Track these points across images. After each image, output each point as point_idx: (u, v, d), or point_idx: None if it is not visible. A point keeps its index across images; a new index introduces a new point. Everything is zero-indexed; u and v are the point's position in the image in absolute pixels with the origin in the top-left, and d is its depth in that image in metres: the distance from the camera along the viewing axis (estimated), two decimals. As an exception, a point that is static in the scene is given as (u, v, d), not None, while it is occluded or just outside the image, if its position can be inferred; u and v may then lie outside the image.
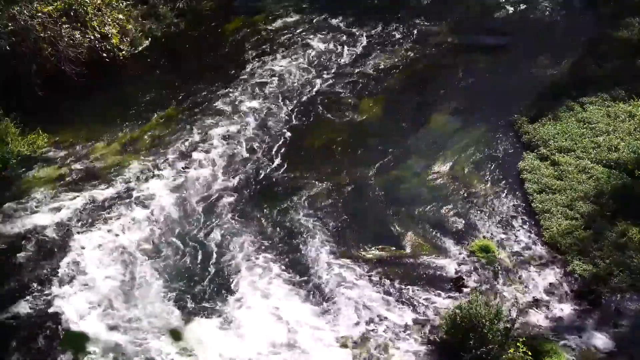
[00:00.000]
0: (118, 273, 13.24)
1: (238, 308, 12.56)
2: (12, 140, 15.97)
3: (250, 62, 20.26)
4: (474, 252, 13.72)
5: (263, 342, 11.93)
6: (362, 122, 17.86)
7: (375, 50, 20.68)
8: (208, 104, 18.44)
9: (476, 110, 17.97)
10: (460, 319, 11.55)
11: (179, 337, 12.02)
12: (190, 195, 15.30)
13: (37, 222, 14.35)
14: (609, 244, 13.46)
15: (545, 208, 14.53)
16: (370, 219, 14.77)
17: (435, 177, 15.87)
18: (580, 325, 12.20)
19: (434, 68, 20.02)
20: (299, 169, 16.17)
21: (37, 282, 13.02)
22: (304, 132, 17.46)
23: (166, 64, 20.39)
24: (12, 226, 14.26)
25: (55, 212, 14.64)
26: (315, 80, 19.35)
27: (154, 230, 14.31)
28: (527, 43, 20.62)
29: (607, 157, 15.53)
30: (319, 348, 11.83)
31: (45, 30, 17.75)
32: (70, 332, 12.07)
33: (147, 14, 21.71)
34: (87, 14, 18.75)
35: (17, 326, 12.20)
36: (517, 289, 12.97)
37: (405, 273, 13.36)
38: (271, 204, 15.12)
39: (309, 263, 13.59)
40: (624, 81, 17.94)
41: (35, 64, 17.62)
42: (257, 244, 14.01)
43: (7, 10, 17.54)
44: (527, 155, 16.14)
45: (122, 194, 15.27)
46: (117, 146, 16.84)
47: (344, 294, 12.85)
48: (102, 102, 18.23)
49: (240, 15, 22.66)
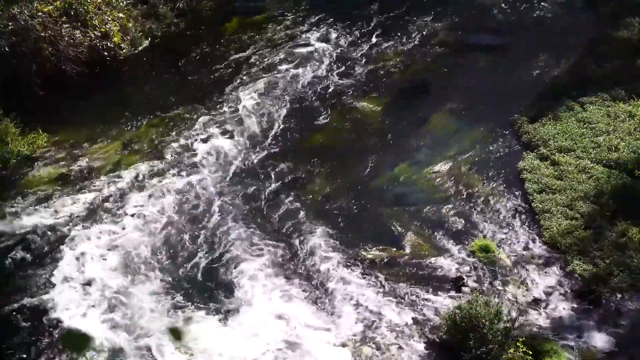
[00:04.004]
0: (118, 273, 13.24)
1: (238, 308, 12.57)
2: (12, 140, 15.98)
3: (250, 61, 20.25)
4: (474, 252, 13.72)
5: (263, 342, 11.93)
6: (362, 122, 17.86)
7: (375, 50, 20.67)
8: (208, 103, 18.45)
9: (476, 110, 17.96)
10: (460, 319, 11.55)
11: (179, 337, 12.02)
12: (191, 195, 15.31)
13: (37, 222, 14.36)
14: (609, 244, 13.46)
15: (545, 208, 14.54)
16: (370, 219, 14.78)
17: (436, 177, 15.87)
18: (580, 325, 12.20)
19: (434, 68, 20.00)
20: (299, 169, 16.18)
21: (37, 282, 13.03)
22: (303, 132, 17.46)
23: (166, 63, 20.37)
24: (12, 226, 14.26)
25: (55, 212, 14.66)
26: (315, 80, 19.35)
27: (154, 230, 14.31)
28: (527, 43, 20.60)
29: (607, 157, 15.53)
30: (319, 348, 11.83)
31: (46, 30, 17.75)
32: (70, 331, 12.07)
33: (147, 13, 21.67)
34: (87, 13, 18.73)
35: (17, 326, 12.20)
36: (517, 289, 12.97)
37: (405, 273, 13.37)
38: (271, 204, 15.14)
39: (310, 263, 13.60)
40: (624, 81, 17.92)
41: (35, 63, 17.62)
42: (257, 243, 14.01)
43: (7, 10, 17.54)
44: (527, 155, 16.14)
45: (122, 193, 15.28)
46: (117, 146, 16.84)
47: (344, 294, 12.85)
48: (102, 102, 18.23)
49: (240, 15, 22.64)
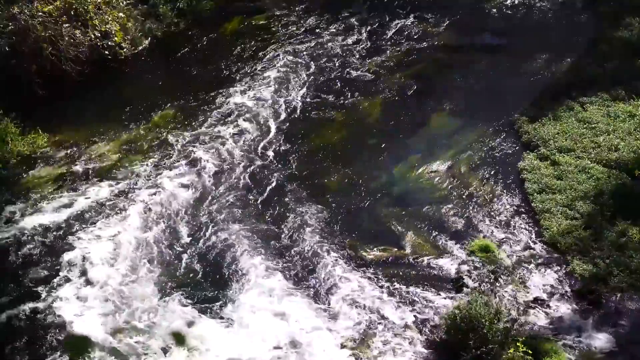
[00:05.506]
0: (119, 274, 13.23)
1: (240, 309, 12.54)
2: (12, 140, 16.00)
3: (250, 61, 20.25)
4: (474, 252, 13.71)
5: (264, 342, 11.91)
6: (362, 122, 17.86)
7: (375, 50, 20.67)
8: (208, 103, 18.45)
9: (476, 110, 17.95)
10: (460, 319, 11.54)
11: (181, 339, 12.00)
12: (191, 195, 15.32)
13: (37, 222, 14.36)
14: (609, 244, 13.44)
15: (545, 208, 14.53)
16: (370, 219, 14.77)
17: (435, 177, 15.87)
18: (580, 325, 12.19)
19: (434, 68, 19.99)
20: (299, 168, 16.18)
21: (37, 283, 13.02)
22: (303, 132, 17.45)
23: (166, 63, 20.39)
24: (12, 226, 14.26)
25: (55, 212, 14.66)
26: (316, 79, 19.35)
27: (155, 231, 14.32)
28: (528, 43, 20.58)
29: (607, 157, 15.52)
30: (320, 348, 11.82)
31: (46, 30, 17.73)
32: (71, 333, 12.06)
33: (147, 13, 21.66)
34: (87, 13, 18.72)
35: (17, 327, 12.20)
36: (517, 289, 12.97)
37: (405, 273, 13.37)
38: (271, 204, 15.14)
39: (310, 263, 13.60)
40: (624, 81, 17.89)
41: (35, 63, 17.62)
42: (258, 244, 14.01)
43: (7, 10, 17.54)
44: (527, 155, 16.13)
45: (123, 193, 15.29)
46: (117, 146, 16.84)
47: (344, 294, 12.85)
48: (102, 102, 18.23)
49: (240, 15, 22.65)
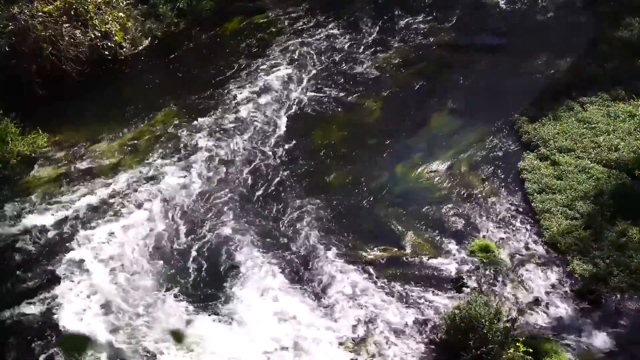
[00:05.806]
0: (118, 273, 13.24)
1: (239, 308, 12.55)
2: (12, 140, 16.00)
3: (250, 61, 20.24)
4: (474, 252, 13.72)
5: (264, 342, 11.91)
6: (362, 122, 17.86)
7: (375, 50, 20.67)
8: (208, 103, 18.44)
9: (476, 110, 17.95)
10: (459, 319, 11.55)
11: (180, 338, 12.01)
12: (191, 195, 15.30)
13: (37, 222, 14.36)
14: (609, 244, 13.45)
15: (545, 208, 14.54)
16: (370, 219, 14.77)
17: (435, 177, 15.87)
18: (580, 325, 12.20)
19: (434, 68, 19.99)
20: (299, 167, 16.18)
21: (37, 282, 13.03)
22: (303, 132, 17.44)
23: (166, 63, 20.36)
24: (12, 226, 14.27)
25: (55, 212, 14.66)
26: (316, 79, 19.34)
27: (155, 230, 14.31)
28: (528, 43, 20.59)
29: (607, 157, 15.52)
30: (320, 348, 11.83)
31: (46, 30, 17.73)
32: (70, 332, 12.06)
33: (147, 13, 21.65)
34: (87, 13, 18.72)
35: (17, 327, 12.20)
36: (517, 289, 12.98)
37: (405, 273, 13.37)
38: (271, 204, 15.14)
39: (310, 263, 13.59)
40: (624, 81, 17.91)
41: (35, 63, 17.62)
42: (258, 243, 14.01)
43: (7, 10, 17.54)
44: (527, 155, 16.13)
45: (123, 193, 15.28)
46: (117, 146, 16.84)
47: (344, 294, 12.85)
48: (102, 102, 18.23)
49: (240, 15, 22.64)
